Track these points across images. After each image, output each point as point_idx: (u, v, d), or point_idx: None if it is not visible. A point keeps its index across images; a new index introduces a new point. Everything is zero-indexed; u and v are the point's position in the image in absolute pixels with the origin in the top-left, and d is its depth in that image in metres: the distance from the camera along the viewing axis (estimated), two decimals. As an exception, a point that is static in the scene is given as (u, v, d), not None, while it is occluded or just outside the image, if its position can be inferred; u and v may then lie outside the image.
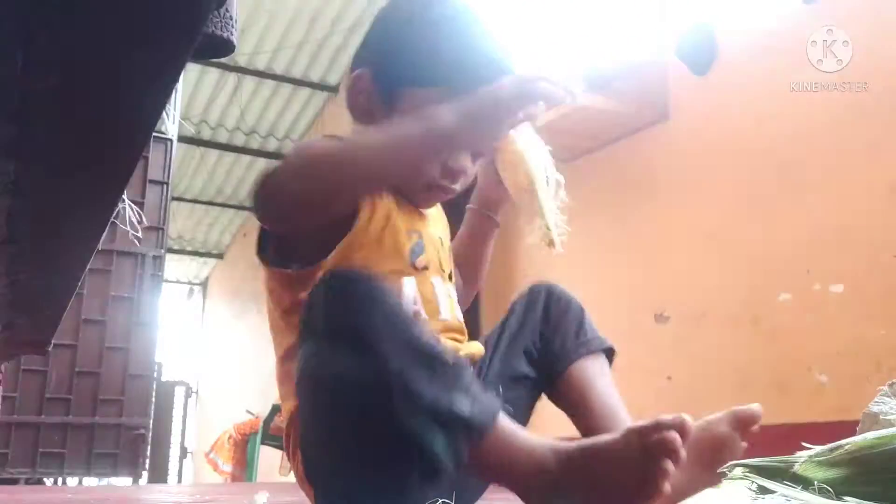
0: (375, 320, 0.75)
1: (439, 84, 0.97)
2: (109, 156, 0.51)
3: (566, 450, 0.79)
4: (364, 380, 0.73)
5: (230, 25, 0.53)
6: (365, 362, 0.74)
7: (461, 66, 0.98)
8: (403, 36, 1.01)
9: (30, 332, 0.90)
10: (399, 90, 0.99)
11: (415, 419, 0.73)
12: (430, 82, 0.98)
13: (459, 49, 0.99)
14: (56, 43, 0.39)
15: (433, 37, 1.00)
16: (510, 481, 0.82)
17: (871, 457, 0.68)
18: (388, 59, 1.01)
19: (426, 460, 0.73)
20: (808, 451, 0.72)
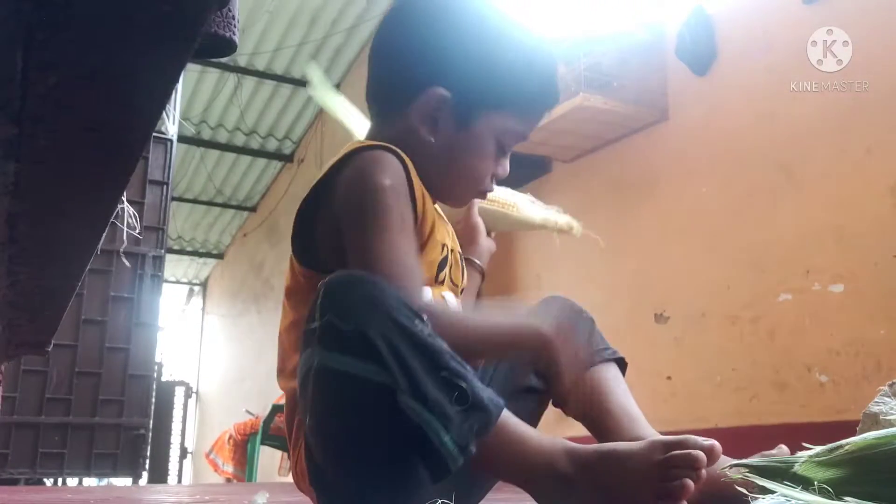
0: (376, 319, 0.76)
1: (512, 108, 1.03)
2: (109, 156, 0.51)
3: (583, 452, 0.80)
4: (371, 377, 0.74)
5: (232, 25, 0.53)
6: (371, 359, 0.74)
7: (534, 91, 1.04)
8: (483, 59, 1.01)
9: (30, 332, 0.90)
10: (476, 113, 1.01)
11: (422, 413, 0.73)
12: (505, 107, 1.02)
13: (533, 74, 1.03)
14: (56, 43, 0.39)
15: (514, 64, 1.02)
16: (518, 477, 0.83)
17: (871, 457, 0.68)
18: (468, 81, 1.00)
19: (434, 455, 0.74)
20: (808, 451, 0.72)
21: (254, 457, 5.04)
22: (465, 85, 1.00)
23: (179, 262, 9.17)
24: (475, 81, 1.00)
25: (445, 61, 1.01)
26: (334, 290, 0.78)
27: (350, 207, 0.93)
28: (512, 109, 1.03)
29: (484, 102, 1.01)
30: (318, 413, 0.79)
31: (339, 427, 0.78)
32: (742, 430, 2.68)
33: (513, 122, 1.03)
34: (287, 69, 6.10)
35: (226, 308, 8.84)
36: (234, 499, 1.93)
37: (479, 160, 1.03)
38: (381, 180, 0.92)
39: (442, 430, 0.73)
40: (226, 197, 7.80)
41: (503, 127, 1.02)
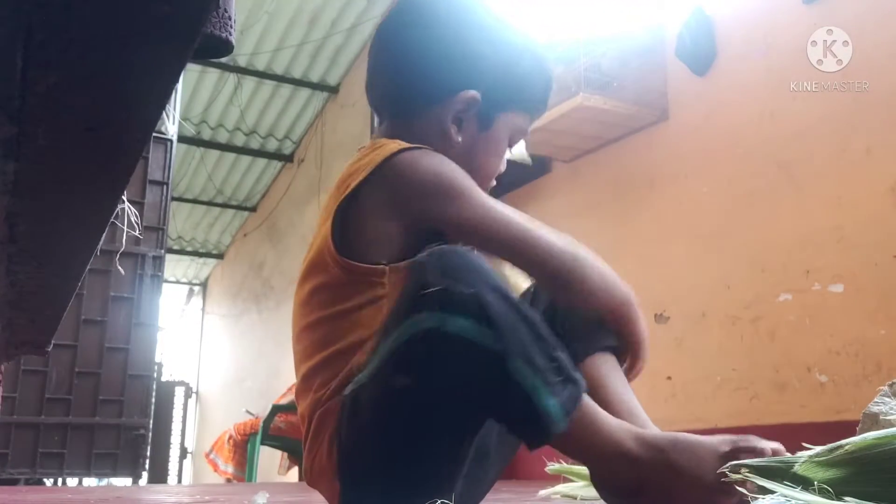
0: (488, 286, 0.79)
1: (524, 110, 1.09)
2: (109, 156, 0.51)
3: (653, 437, 0.83)
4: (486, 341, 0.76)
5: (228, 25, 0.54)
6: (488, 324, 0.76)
7: (544, 93, 1.11)
8: (508, 65, 1.07)
9: (30, 332, 0.90)
10: (496, 115, 1.07)
11: (533, 378, 0.76)
12: (519, 107, 1.09)
13: (545, 78, 1.11)
14: (56, 43, 0.39)
15: (530, 67, 1.09)
16: (586, 454, 0.85)
17: (871, 457, 0.68)
18: (496, 86, 1.06)
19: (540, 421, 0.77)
20: (808, 451, 0.72)
21: (254, 457, 5.03)
22: (491, 87, 1.05)
23: (179, 262, 9.18)
24: (499, 84, 1.06)
25: (475, 64, 1.05)
26: (446, 259, 0.81)
27: (429, 195, 0.95)
28: (523, 109, 1.09)
29: (504, 104, 1.07)
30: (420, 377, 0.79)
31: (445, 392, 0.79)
32: (742, 431, 2.66)
33: (522, 120, 1.09)
34: (287, 69, 6.10)
35: (226, 308, 8.84)
36: (234, 499, 1.93)
37: (496, 158, 1.10)
38: (446, 165, 0.97)
39: (549, 395, 0.76)
40: (226, 197, 7.80)
41: (515, 126, 1.09)
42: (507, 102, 1.07)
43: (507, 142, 1.10)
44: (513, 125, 1.08)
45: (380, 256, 0.95)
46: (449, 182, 0.95)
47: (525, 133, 1.12)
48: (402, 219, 0.95)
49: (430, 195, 0.95)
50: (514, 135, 1.10)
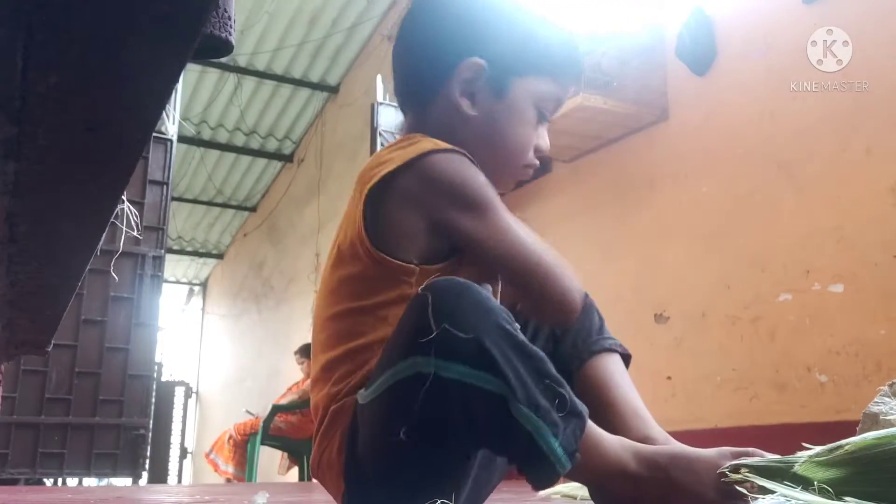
0: (489, 327, 0.77)
1: (545, 73, 1.04)
2: (109, 156, 0.51)
3: (652, 452, 0.83)
4: (485, 386, 0.75)
5: (228, 25, 0.53)
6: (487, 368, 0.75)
7: (563, 56, 1.06)
8: (512, 27, 1.05)
9: (30, 332, 0.90)
10: (511, 80, 1.03)
11: (535, 420, 0.75)
12: (539, 71, 1.04)
13: (559, 40, 1.07)
14: (56, 43, 0.39)
15: (541, 29, 1.06)
16: (590, 478, 0.85)
17: (871, 457, 0.68)
18: (500, 49, 1.03)
19: (543, 462, 0.76)
20: (808, 451, 0.72)
21: (254, 457, 5.04)
22: (497, 52, 1.02)
23: (179, 262, 9.18)
24: (506, 47, 1.03)
25: (476, 32, 1.03)
26: (445, 299, 0.78)
27: (457, 204, 0.94)
28: (544, 73, 1.04)
29: (517, 68, 1.03)
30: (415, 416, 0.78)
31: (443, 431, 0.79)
32: (742, 431, 2.68)
33: (547, 85, 1.04)
34: (287, 69, 6.10)
35: (226, 308, 8.84)
36: (234, 499, 1.93)
37: (522, 127, 1.04)
38: (477, 177, 0.95)
39: (552, 437, 0.75)
40: (226, 197, 7.81)
41: (539, 92, 1.04)
42: (520, 66, 1.03)
43: (532, 109, 1.04)
44: (535, 90, 1.03)
45: (409, 253, 0.94)
46: (473, 193, 0.94)
47: (557, 101, 1.07)
48: (427, 219, 0.94)
49: (452, 203, 0.94)
50: (541, 101, 1.04)
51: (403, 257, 0.94)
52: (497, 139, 1.04)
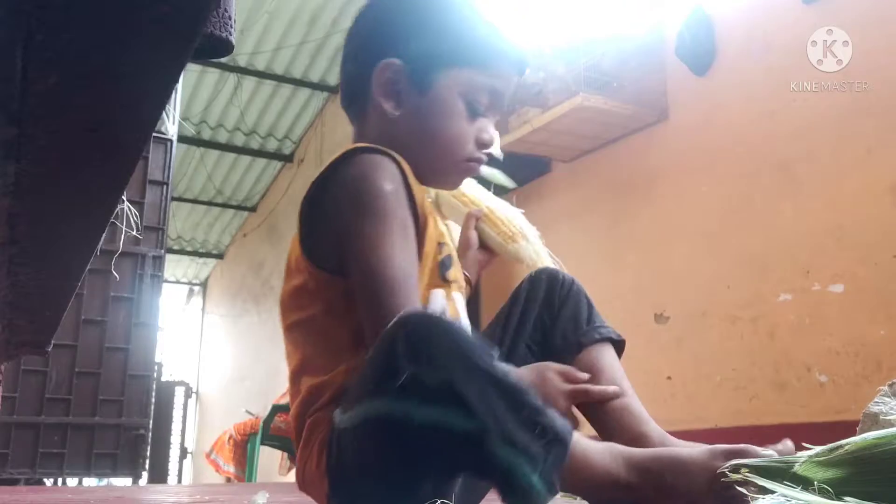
0: (462, 368, 0.74)
1: (469, 64, 1.01)
2: (109, 156, 0.51)
3: (642, 457, 0.82)
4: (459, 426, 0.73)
5: (228, 25, 0.53)
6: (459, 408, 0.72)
7: (486, 45, 1.03)
8: (428, 21, 1.04)
9: (30, 333, 0.90)
10: (432, 74, 1.01)
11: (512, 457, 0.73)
12: (463, 62, 1.01)
13: (487, 28, 1.03)
14: (56, 43, 0.39)
15: (459, 18, 1.03)
16: (581, 490, 0.84)
17: (871, 457, 0.68)
18: (417, 44, 1.02)
19: (523, 496, 0.73)
20: (808, 451, 0.72)
21: (254, 457, 5.03)
22: (414, 48, 1.02)
23: (179, 262, 9.17)
24: (424, 42, 1.02)
25: (392, 32, 1.04)
26: (417, 340, 0.75)
27: (351, 212, 0.93)
28: (468, 64, 1.02)
29: (438, 62, 1.01)
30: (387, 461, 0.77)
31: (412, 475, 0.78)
32: (742, 430, 2.67)
33: (476, 76, 1.02)
34: (287, 69, 6.10)
35: (226, 308, 8.84)
36: (234, 499, 1.93)
37: (449, 120, 1.02)
38: (381, 185, 0.93)
39: (530, 472, 0.73)
40: (226, 197, 7.80)
41: (467, 83, 1.01)
42: (441, 59, 1.01)
43: (459, 101, 1.02)
44: (460, 82, 1.01)
45: (332, 263, 0.94)
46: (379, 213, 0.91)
47: (491, 91, 1.03)
48: (334, 230, 0.94)
49: (347, 210, 0.93)
50: (470, 93, 1.02)
51: (328, 267, 0.94)
52: (426, 135, 1.03)
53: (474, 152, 1.04)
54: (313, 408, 0.94)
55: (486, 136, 1.04)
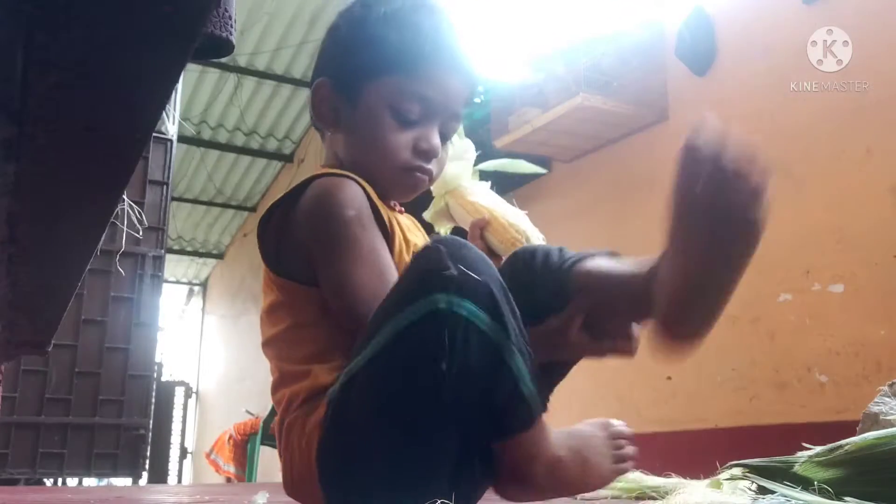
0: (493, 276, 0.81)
1: (394, 72, 1.01)
2: (109, 156, 0.51)
3: (562, 434, 0.90)
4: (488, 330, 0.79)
5: (229, 25, 0.54)
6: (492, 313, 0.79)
7: (410, 50, 1.01)
8: (353, 35, 1.06)
9: (30, 333, 0.90)
10: (360, 87, 1.03)
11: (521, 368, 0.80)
12: (385, 72, 1.01)
13: (405, 35, 1.02)
14: (56, 43, 0.39)
15: (380, 30, 1.03)
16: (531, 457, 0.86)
17: (871, 457, 0.68)
18: (344, 60, 1.05)
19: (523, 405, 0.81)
20: (808, 451, 0.72)
21: (254, 457, 5.04)
22: (339, 63, 1.05)
23: (179, 262, 9.17)
24: (347, 56, 1.04)
25: (324, 53, 1.08)
26: (456, 247, 0.81)
27: (317, 240, 0.95)
28: (396, 72, 1.01)
29: (362, 73, 1.03)
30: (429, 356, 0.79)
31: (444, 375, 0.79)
32: (742, 430, 2.68)
33: (403, 84, 1.01)
34: (287, 69, 6.09)
35: (226, 308, 8.84)
36: (234, 499, 1.93)
37: (376, 130, 1.02)
38: (343, 211, 0.94)
39: (532, 384, 0.81)
40: (226, 197, 7.80)
41: (394, 92, 1.01)
42: (364, 69, 1.02)
43: (386, 110, 1.01)
44: (389, 91, 1.01)
45: (303, 275, 0.97)
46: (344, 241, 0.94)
47: (419, 97, 1.01)
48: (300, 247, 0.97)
49: (311, 234, 0.96)
50: (396, 101, 1.01)
51: (298, 279, 0.97)
52: (361, 148, 1.05)
53: (411, 161, 1.03)
54: (290, 412, 0.96)
55: (424, 145, 1.03)
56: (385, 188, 1.05)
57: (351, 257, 0.93)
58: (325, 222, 0.95)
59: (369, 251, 0.94)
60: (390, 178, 1.05)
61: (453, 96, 1.05)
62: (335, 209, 0.94)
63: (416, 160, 1.04)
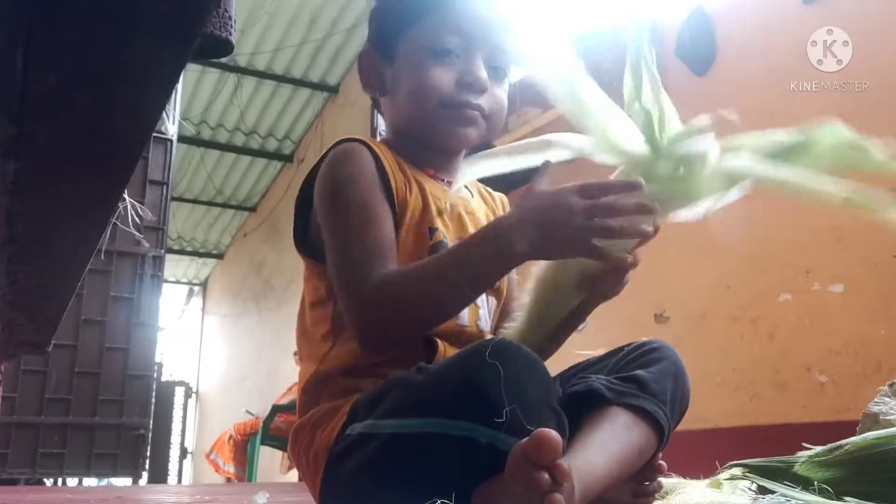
0: (546, 404, 0.77)
1: (425, 16, 1.01)
2: (109, 156, 0.51)
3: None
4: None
5: (228, 25, 0.54)
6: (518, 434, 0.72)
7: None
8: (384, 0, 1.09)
9: (30, 332, 0.90)
10: (396, 41, 1.03)
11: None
12: (417, 19, 1.01)
13: None
14: (56, 43, 0.39)
15: None
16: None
17: (871, 457, 0.68)
18: (379, 23, 1.07)
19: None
20: (808, 451, 0.72)
21: (254, 457, 5.04)
22: (372, 31, 1.07)
23: (179, 262, 9.17)
24: (377, 22, 1.07)
25: (369, 24, 1.10)
26: (517, 374, 0.76)
27: (320, 201, 0.98)
28: (423, 15, 1.01)
29: (394, 28, 1.03)
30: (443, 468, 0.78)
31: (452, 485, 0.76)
32: (742, 430, 2.67)
33: (435, 23, 1.00)
34: (287, 69, 6.09)
35: (226, 308, 8.84)
36: (234, 499, 1.93)
37: (418, 73, 1.00)
38: (342, 172, 0.96)
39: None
40: (226, 197, 7.80)
41: (427, 33, 1.00)
42: (396, 24, 1.03)
43: (425, 52, 1.00)
44: (423, 35, 1.00)
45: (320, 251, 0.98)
46: (339, 199, 0.95)
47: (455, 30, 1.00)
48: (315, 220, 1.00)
49: (318, 197, 0.99)
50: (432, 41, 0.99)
51: (318, 256, 0.99)
52: (404, 99, 1.03)
53: (457, 95, 1.00)
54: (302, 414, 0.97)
55: (468, 77, 1.00)
56: (430, 135, 1.02)
57: (343, 215, 0.94)
58: (327, 183, 0.97)
59: (360, 207, 0.94)
60: (437, 123, 1.01)
61: (489, 28, 1.01)
62: (335, 169, 0.97)
63: (462, 94, 1.00)
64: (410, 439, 0.79)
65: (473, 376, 0.77)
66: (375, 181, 0.95)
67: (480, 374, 0.75)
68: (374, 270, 0.88)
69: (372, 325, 0.89)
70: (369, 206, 0.93)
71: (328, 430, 0.89)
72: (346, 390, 0.92)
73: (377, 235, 0.91)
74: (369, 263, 0.89)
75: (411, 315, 0.89)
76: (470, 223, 1.05)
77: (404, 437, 0.80)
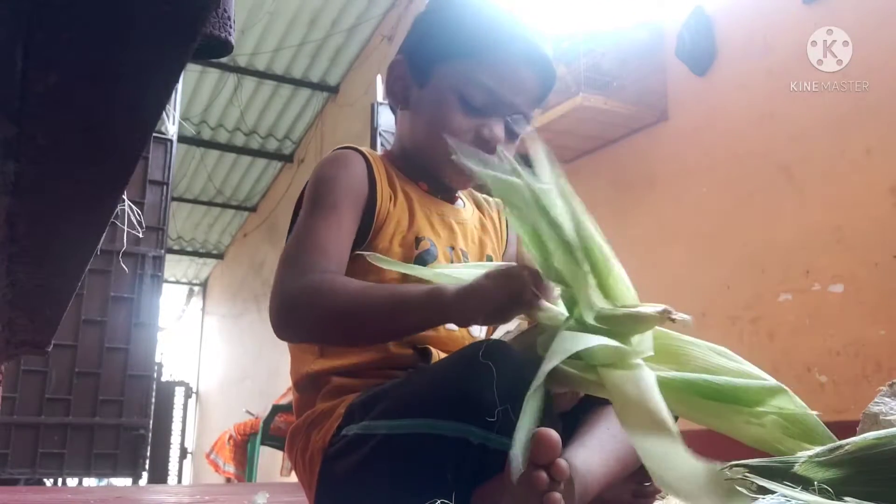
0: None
1: (465, 56, 1.02)
2: (109, 156, 0.51)
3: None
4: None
5: (228, 26, 0.54)
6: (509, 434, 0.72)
7: (484, 36, 1.03)
8: (432, 18, 1.08)
9: (30, 333, 0.90)
10: (431, 68, 1.04)
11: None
12: (457, 55, 1.03)
13: (482, 21, 1.04)
14: (56, 43, 0.39)
15: (458, 14, 1.06)
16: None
17: (871, 457, 0.68)
18: (420, 41, 1.07)
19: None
20: (808, 451, 0.72)
21: (254, 457, 5.04)
22: (414, 43, 1.08)
23: (179, 262, 9.17)
24: (422, 36, 1.07)
25: (406, 37, 1.10)
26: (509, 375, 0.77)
27: (302, 197, 1.03)
28: (465, 58, 1.02)
29: (433, 54, 1.04)
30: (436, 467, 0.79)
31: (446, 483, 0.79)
32: (742, 431, 2.67)
33: (471, 70, 1.01)
34: (287, 69, 6.09)
35: (226, 308, 8.84)
36: (234, 499, 1.93)
37: (442, 110, 1.02)
38: (325, 173, 1.00)
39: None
40: (226, 197, 7.80)
41: (461, 76, 1.02)
42: (436, 50, 1.03)
43: (454, 94, 1.01)
44: (458, 75, 1.01)
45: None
46: (310, 191, 1.00)
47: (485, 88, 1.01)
48: None
49: (305, 190, 1.03)
50: (465, 87, 1.01)
51: None
52: (423, 128, 1.05)
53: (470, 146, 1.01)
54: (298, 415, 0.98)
55: (486, 133, 1.02)
56: (435, 169, 1.06)
57: (310, 208, 0.98)
58: (310, 182, 1.02)
59: (329, 208, 0.96)
60: (444, 164, 1.02)
61: (521, 92, 1.03)
62: (318, 168, 1.01)
63: (476, 146, 1.01)
64: (403, 440, 0.80)
65: (466, 377, 0.77)
66: (353, 190, 0.98)
67: (473, 374, 0.76)
68: (308, 271, 0.90)
69: (280, 320, 0.90)
70: (335, 209, 0.96)
71: (323, 431, 0.90)
72: (340, 390, 0.93)
73: (329, 239, 0.93)
74: (308, 263, 0.91)
75: (323, 327, 0.90)
76: (460, 233, 1.08)
77: (398, 438, 0.80)
